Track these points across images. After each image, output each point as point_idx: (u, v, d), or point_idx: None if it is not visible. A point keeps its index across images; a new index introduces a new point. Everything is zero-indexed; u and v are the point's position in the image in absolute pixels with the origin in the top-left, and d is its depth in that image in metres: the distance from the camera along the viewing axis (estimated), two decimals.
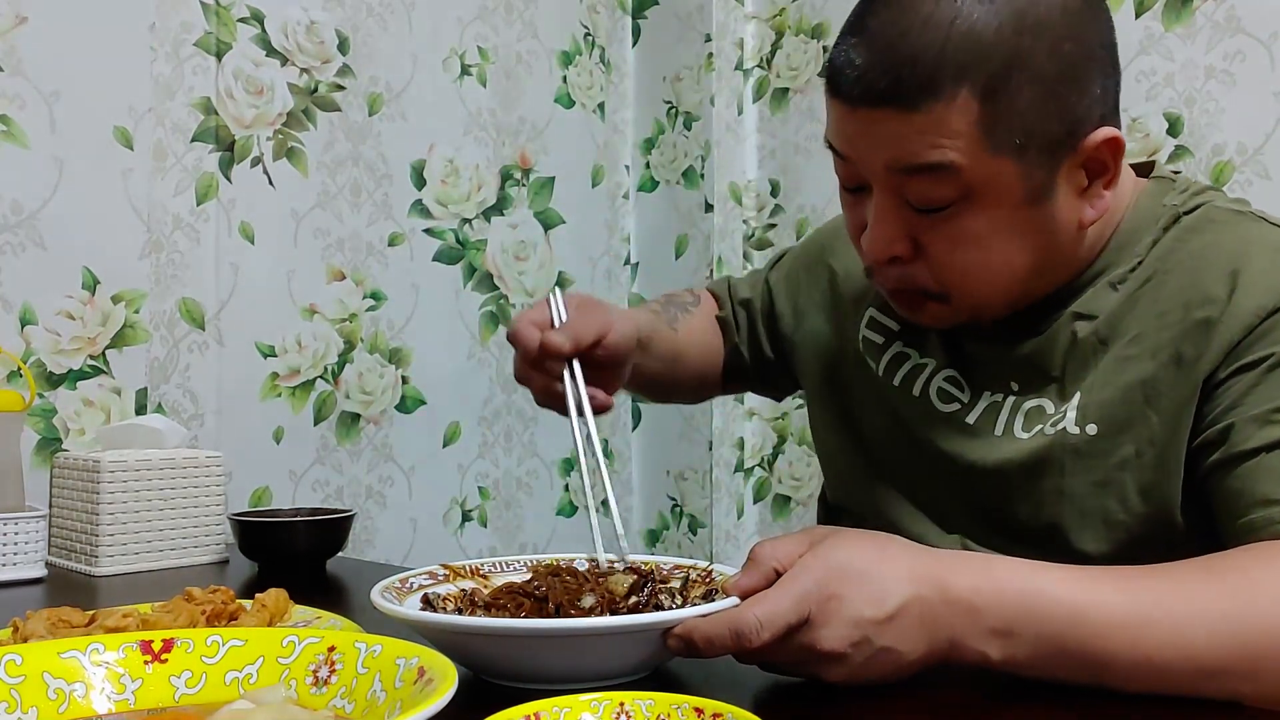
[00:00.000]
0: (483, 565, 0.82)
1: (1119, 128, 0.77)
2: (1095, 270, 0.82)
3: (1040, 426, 0.81)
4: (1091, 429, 0.79)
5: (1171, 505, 0.76)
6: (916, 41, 0.72)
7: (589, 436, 0.85)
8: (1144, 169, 0.87)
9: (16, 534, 1.09)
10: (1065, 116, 0.74)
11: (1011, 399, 0.84)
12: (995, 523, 0.83)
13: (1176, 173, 0.87)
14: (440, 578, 0.78)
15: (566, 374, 0.85)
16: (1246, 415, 0.72)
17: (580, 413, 0.85)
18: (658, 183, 2.14)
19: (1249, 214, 0.80)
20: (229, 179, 1.55)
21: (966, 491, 0.85)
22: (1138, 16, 1.57)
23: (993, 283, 0.79)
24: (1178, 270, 0.79)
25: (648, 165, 2.16)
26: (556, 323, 0.86)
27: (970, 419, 0.86)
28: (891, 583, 0.62)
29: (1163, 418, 0.76)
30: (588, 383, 0.86)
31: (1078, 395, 0.80)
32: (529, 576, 0.79)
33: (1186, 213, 0.81)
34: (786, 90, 2.01)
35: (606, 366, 0.89)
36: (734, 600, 0.65)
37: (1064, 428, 0.80)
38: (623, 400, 2.13)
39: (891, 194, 0.77)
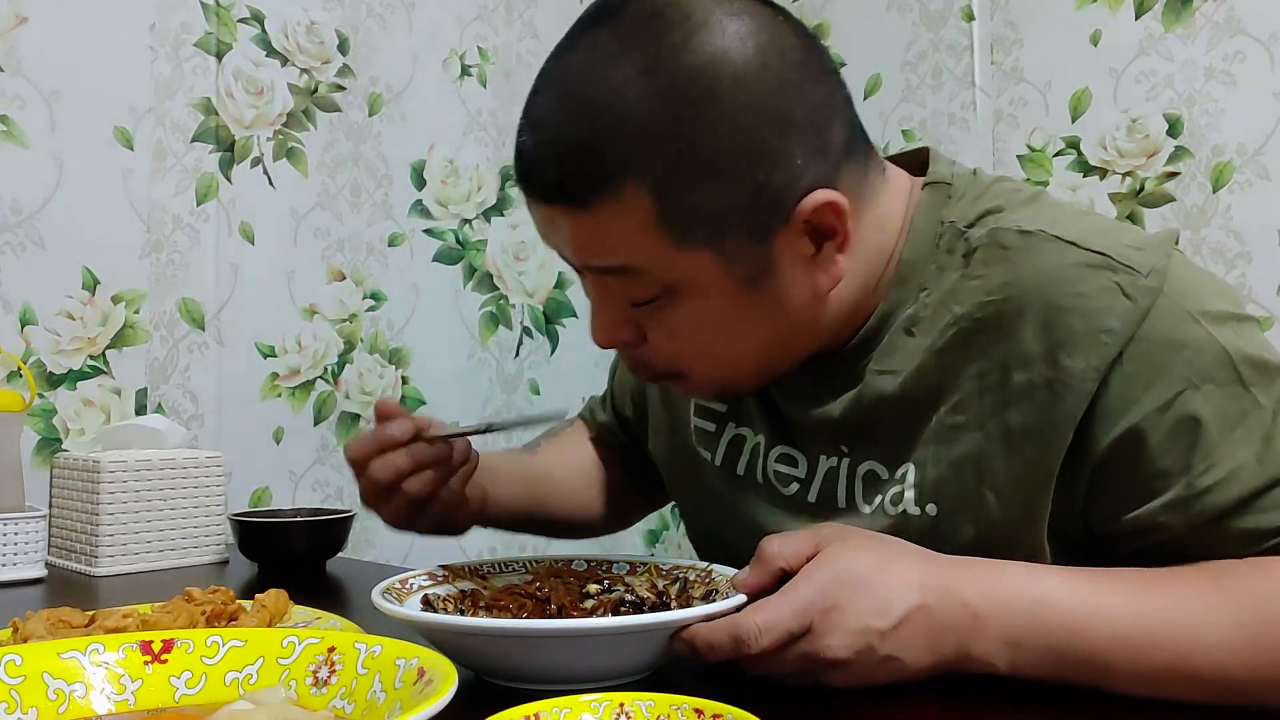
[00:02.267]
0: (483, 565, 0.82)
1: (837, 186, 0.68)
2: (882, 312, 0.75)
3: (881, 500, 0.74)
4: (931, 509, 0.72)
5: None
6: (576, 128, 0.65)
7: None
8: (915, 164, 0.79)
9: (16, 534, 1.09)
10: (761, 194, 0.66)
11: (846, 462, 0.77)
12: None
13: (953, 165, 0.78)
14: (440, 578, 0.78)
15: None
16: (1166, 499, 0.65)
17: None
18: None
19: (1040, 235, 0.69)
20: (229, 179, 1.55)
21: None
22: (1138, 17, 1.57)
23: (725, 367, 0.74)
24: (981, 319, 0.69)
25: None
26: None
27: (811, 497, 0.79)
28: (897, 591, 0.62)
29: (1001, 500, 0.69)
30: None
31: (913, 469, 0.72)
32: (530, 578, 0.79)
33: (969, 225, 0.72)
34: None
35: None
36: (741, 598, 0.65)
37: (904, 509, 0.73)
38: None
39: (599, 285, 0.72)
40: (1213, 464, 0.64)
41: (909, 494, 0.73)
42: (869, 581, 0.62)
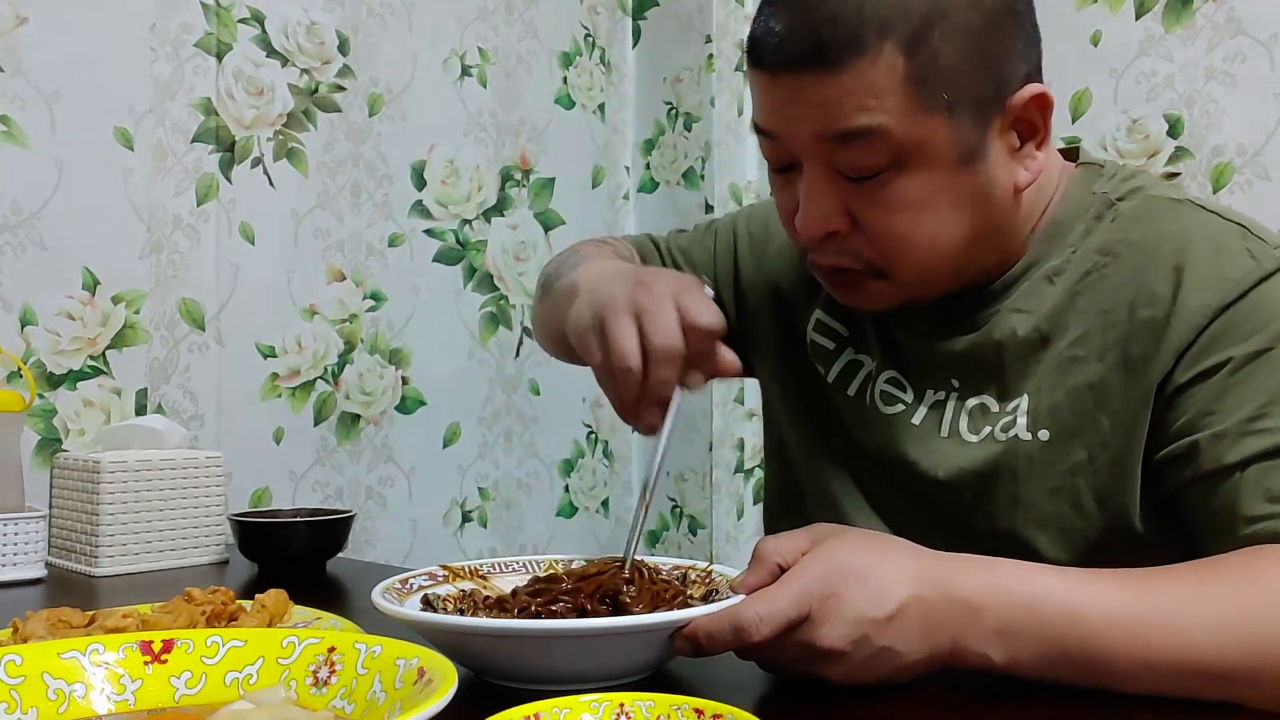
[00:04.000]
0: (482, 566, 0.82)
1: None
2: (1027, 262, 0.80)
3: (989, 430, 0.80)
4: (1044, 434, 0.77)
5: (1129, 513, 0.74)
6: (835, 1, 0.70)
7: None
8: (1070, 155, 0.85)
9: (16, 534, 1.09)
10: (991, 71, 0.72)
11: (954, 398, 0.82)
12: (952, 530, 0.81)
13: (1104, 158, 0.85)
14: (440, 578, 0.78)
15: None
16: (1214, 430, 0.70)
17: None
18: (658, 184, 2.14)
19: (1187, 202, 0.78)
20: (229, 179, 1.55)
21: (920, 500, 0.83)
22: (1138, 18, 1.57)
23: (933, 250, 0.76)
24: (1118, 264, 0.77)
25: (648, 166, 2.16)
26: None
27: (915, 420, 0.84)
28: (893, 582, 0.62)
29: (1114, 422, 0.74)
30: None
31: (1026, 399, 0.78)
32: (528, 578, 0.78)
33: (1119, 199, 0.79)
34: None
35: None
36: (740, 598, 0.65)
37: (1016, 434, 0.78)
38: None
39: (822, 166, 0.74)
40: (1267, 414, 0.69)
41: (1021, 420, 0.78)
42: (866, 571, 0.62)
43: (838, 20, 0.69)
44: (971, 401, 0.81)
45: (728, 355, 0.74)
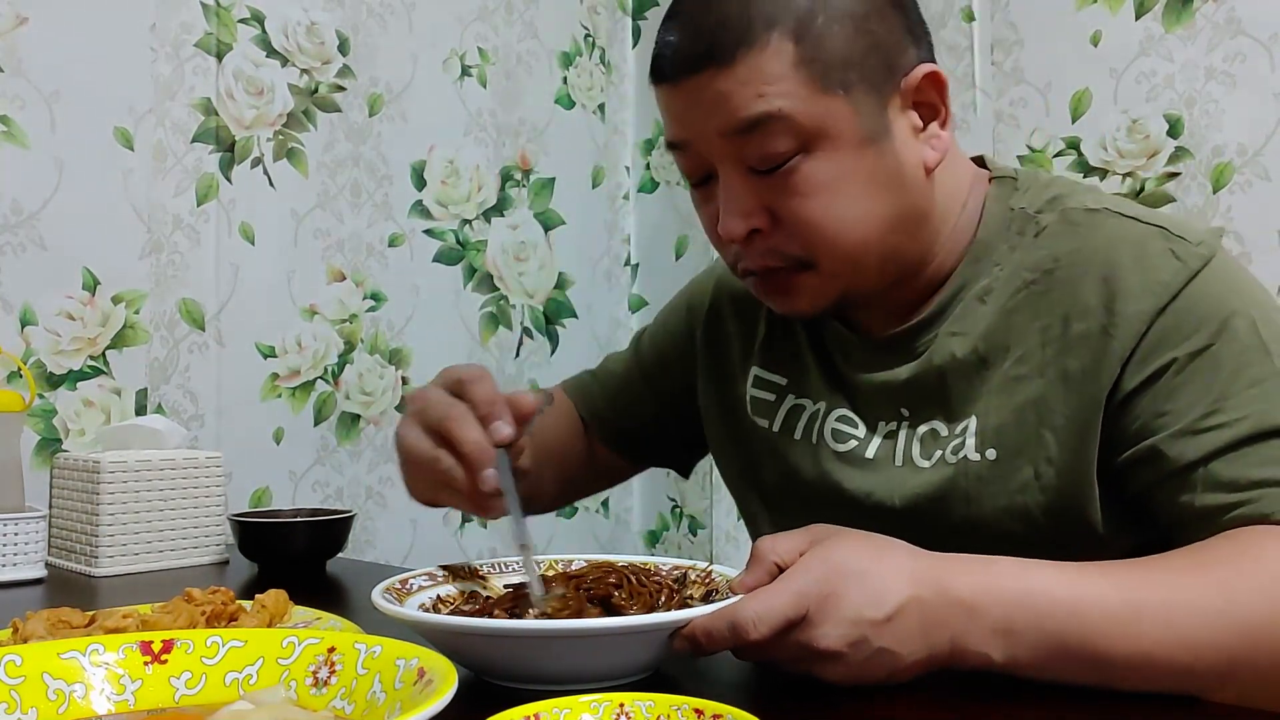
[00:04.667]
0: (482, 566, 0.82)
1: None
2: (956, 285, 0.82)
3: (940, 453, 0.80)
4: (991, 454, 0.78)
5: (1087, 519, 0.75)
6: (721, 6, 0.75)
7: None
8: (980, 163, 0.87)
9: (16, 534, 1.09)
10: (880, 51, 0.76)
11: (905, 427, 0.83)
12: None
13: (1017, 168, 0.87)
14: (440, 579, 0.78)
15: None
16: (1170, 430, 0.71)
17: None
18: (658, 183, 2.14)
19: (1104, 210, 0.79)
20: (229, 179, 1.55)
21: (881, 530, 0.80)
22: (1138, 18, 1.57)
23: (852, 231, 0.77)
24: (1048, 280, 0.78)
25: (648, 166, 2.16)
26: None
27: (869, 453, 0.84)
28: (891, 583, 0.62)
29: (1058, 437, 0.75)
30: None
31: (974, 419, 0.79)
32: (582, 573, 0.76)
33: (1038, 211, 0.81)
34: None
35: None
36: (738, 599, 0.65)
37: (965, 455, 0.79)
38: None
39: (734, 165, 0.77)
40: (1220, 409, 0.70)
41: (970, 442, 0.79)
42: (864, 571, 0.62)
43: (726, 21, 0.74)
44: (922, 428, 0.82)
45: (524, 396, 0.76)
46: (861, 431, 0.86)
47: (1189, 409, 0.71)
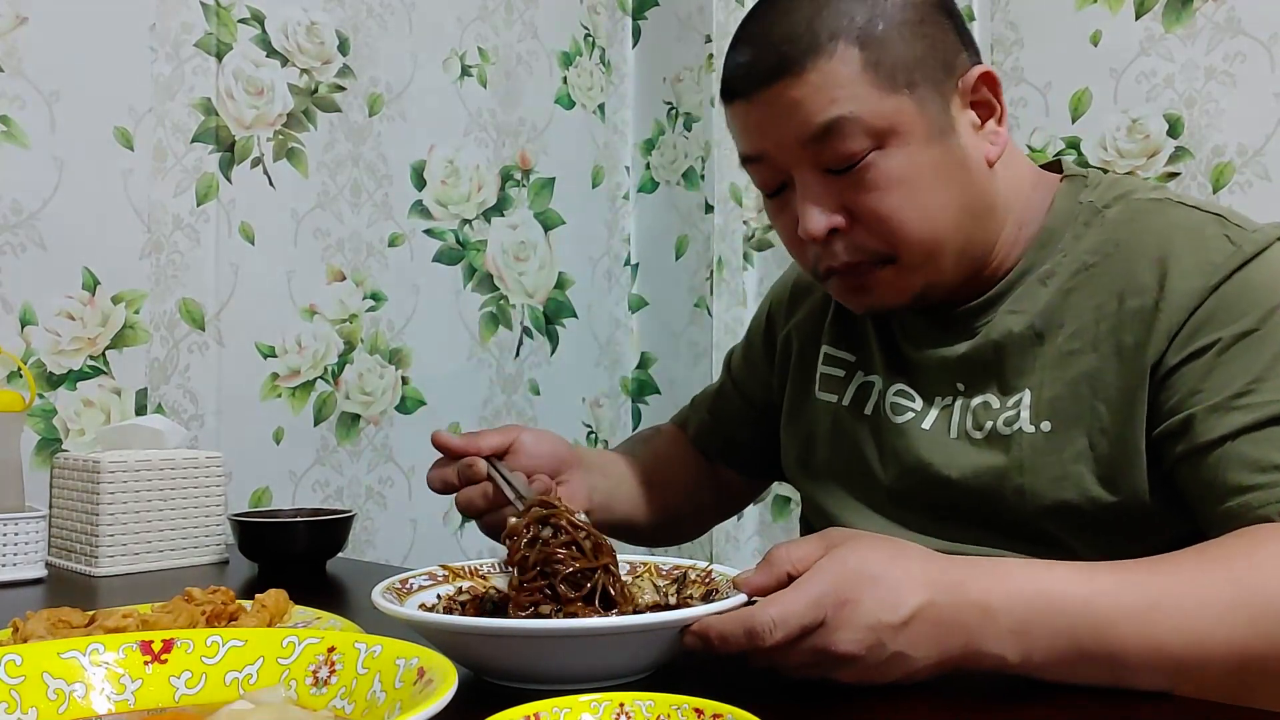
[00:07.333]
0: (482, 566, 0.82)
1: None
2: (1021, 269, 0.85)
3: (993, 425, 0.83)
4: (1045, 426, 0.80)
5: (1137, 492, 0.76)
6: (788, 23, 0.80)
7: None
8: (1053, 167, 0.90)
9: (16, 534, 1.09)
10: (936, 52, 0.81)
11: (960, 400, 0.86)
12: (968, 527, 0.84)
13: (1086, 168, 0.90)
14: (440, 578, 0.78)
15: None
16: (1204, 405, 0.73)
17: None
18: (658, 183, 2.14)
19: (1167, 200, 0.82)
20: (229, 179, 1.55)
21: (936, 502, 0.86)
22: (1138, 18, 1.57)
23: (929, 221, 0.80)
24: (1107, 263, 0.81)
25: (648, 166, 2.16)
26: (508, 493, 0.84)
27: (925, 425, 0.88)
28: (907, 587, 0.62)
29: (1111, 408, 0.78)
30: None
31: (1028, 393, 0.82)
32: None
33: (1105, 206, 0.84)
34: None
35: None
36: (741, 598, 0.65)
37: (1020, 427, 0.81)
38: (622, 400, 2.13)
39: (810, 168, 0.81)
40: (1255, 390, 0.72)
41: (1024, 414, 0.82)
42: (880, 576, 0.63)
43: (793, 34, 0.79)
44: (976, 401, 0.85)
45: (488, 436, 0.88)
46: (918, 404, 0.89)
47: (1224, 387, 0.73)
